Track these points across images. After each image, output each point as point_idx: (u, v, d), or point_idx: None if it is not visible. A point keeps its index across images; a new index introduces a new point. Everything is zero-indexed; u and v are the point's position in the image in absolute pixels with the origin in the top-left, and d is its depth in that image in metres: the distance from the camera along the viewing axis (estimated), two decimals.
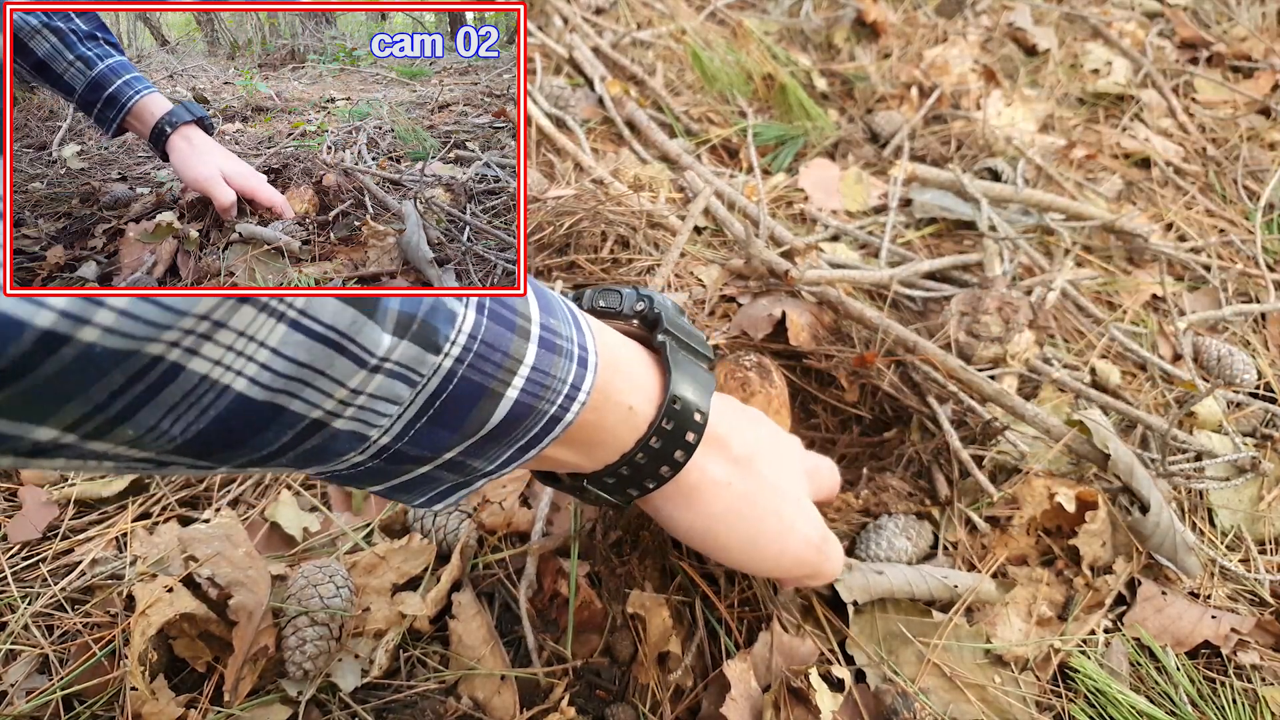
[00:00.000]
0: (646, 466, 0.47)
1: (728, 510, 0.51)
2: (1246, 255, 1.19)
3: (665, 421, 0.46)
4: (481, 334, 0.36)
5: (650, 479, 0.48)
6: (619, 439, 0.46)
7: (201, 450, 0.31)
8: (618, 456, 0.46)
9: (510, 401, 0.38)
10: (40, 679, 0.62)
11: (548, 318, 0.41)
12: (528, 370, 0.38)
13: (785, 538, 0.53)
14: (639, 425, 0.46)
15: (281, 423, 0.32)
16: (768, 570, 0.55)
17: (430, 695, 0.64)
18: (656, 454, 0.47)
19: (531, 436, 0.41)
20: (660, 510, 0.51)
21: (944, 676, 0.67)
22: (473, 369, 0.36)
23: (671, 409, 0.46)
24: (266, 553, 0.71)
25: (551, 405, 0.40)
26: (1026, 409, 0.81)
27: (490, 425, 0.39)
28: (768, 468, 0.53)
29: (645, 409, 0.46)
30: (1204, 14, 1.83)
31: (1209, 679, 0.71)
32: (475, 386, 0.36)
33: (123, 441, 0.29)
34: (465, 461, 0.40)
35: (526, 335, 0.39)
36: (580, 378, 0.42)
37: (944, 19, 1.68)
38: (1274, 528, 0.84)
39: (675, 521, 0.51)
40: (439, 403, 0.36)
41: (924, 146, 1.33)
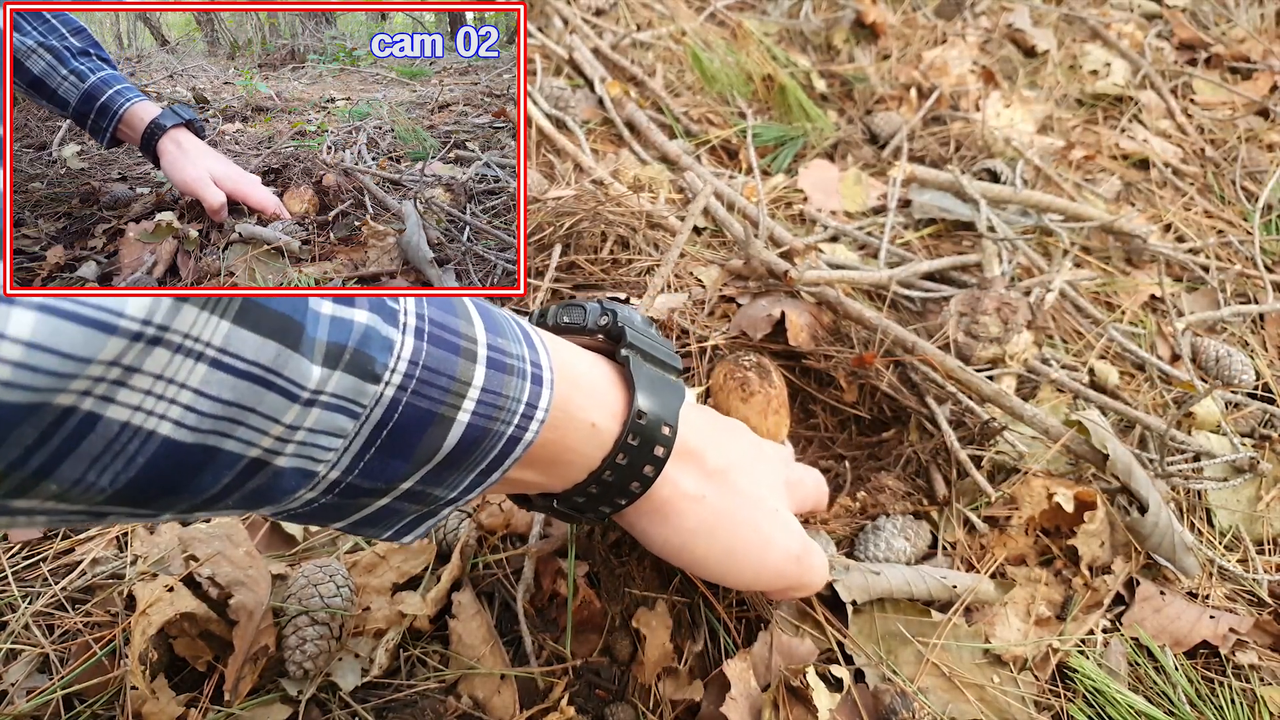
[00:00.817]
0: (615, 484, 0.46)
1: (702, 524, 0.50)
2: (1245, 256, 1.19)
3: (630, 437, 0.45)
4: (423, 359, 0.35)
5: (621, 496, 0.47)
6: (584, 457, 0.45)
7: (138, 498, 0.30)
8: (585, 475, 0.46)
9: (463, 425, 0.38)
10: (41, 678, 0.62)
11: (495, 337, 0.40)
12: (477, 392, 0.38)
13: (764, 551, 0.53)
14: (604, 442, 0.45)
15: (218, 464, 0.31)
16: (747, 583, 0.55)
17: (430, 694, 0.64)
18: (624, 470, 0.46)
19: (491, 460, 0.40)
20: (635, 526, 0.51)
21: (943, 676, 0.67)
22: (418, 395, 0.35)
23: (636, 424, 0.45)
24: (267, 552, 0.71)
25: (508, 426, 0.40)
26: (1025, 409, 0.81)
27: (444, 451, 0.38)
28: (745, 479, 0.53)
29: (610, 425, 0.46)
30: (1202, 15, 1.83)
31: (1207, 679, 0.71)
32: (423, 413, 0.36)
33: (49, 497, 0.28)
34: (425, 490, 0.40)
35: (473, 357, 0.38)
36: (536, 395, 0.41)
37: (943, 20, 1.68)
38: (1272, 528, 0.84)
39: (650, 537, 0.51)
40: (385, 432, 0.35)
41: (923, 147, 1.33)
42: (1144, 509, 0.75)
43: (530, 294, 0.89)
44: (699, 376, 0.83)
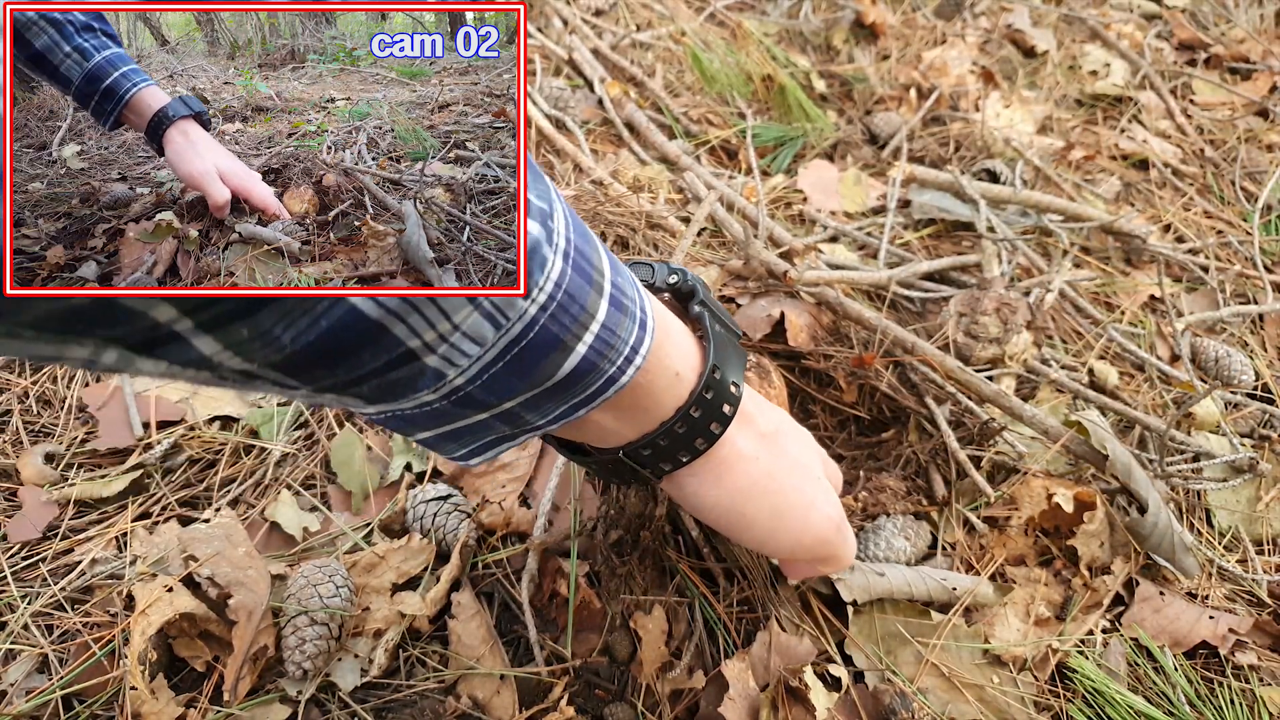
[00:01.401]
0: (683, 437, 0.47)
1: (754, 484, 0.50)
2: (1244, 256, 1.19)
3: (706, 391, 0.46)
4: (565, 284, 0.36)
5: (685, 451, 0.47)
6: (661, 406, 0.46)
7: (299, 366, 0.32)
8: (657, 425, 0.46)
9: (578, 357, 0.38)
10: (40, 678, 0.62)
11: (616, 276, 0.40)
12: (598, 327, 0.38)
13: (808, 514, 0.52)
14: (681, 394, 0.46)
15: (381, 346, 0.33)
16: (790, 548, 0.54)
17: (429, 695, 0.64)
18: (695, 424, 0.46)
19: (588, 394, 0.41)
20: (685, 487, 0.50)
21: (942, 677, 0.67)
22: (553, 319, 0.36)
23: (711, 378, 0.46)
24: (266, 552, 0.71)
25: (612, 365, 0.40)
26: (1024, 409, 0.81)
27: (555, 379, 0.38)
28: (793, 445, 0.53)
29: (689, 377, 0.46)
30: (1202, 16, 1.83)
31: (1207, 679, 0.71)
32: (552, 337, 0.36)
33: (233, 343, 0.30)
34: (521, 414, 0.40)
35: (600, 291, 0.38)
36: (639, 341, 0.41)
37: (943, 21, 1.68)
38: (1272, 528, 0.84)
39: (701, 498, 0.50)
40: (517, 349, 0.36)
41: (922, 148, 1.33)
42: (1143, 509, 0.75)
43: None
44: None
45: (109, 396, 0.79)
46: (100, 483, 0.74)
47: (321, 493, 0.76)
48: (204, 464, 0.77)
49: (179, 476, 0.76)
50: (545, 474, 0.76)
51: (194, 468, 0.77)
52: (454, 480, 0.76)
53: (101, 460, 0.76)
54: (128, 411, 0.78)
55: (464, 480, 0.76)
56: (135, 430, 0.77)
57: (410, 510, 0.73)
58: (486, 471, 0.76)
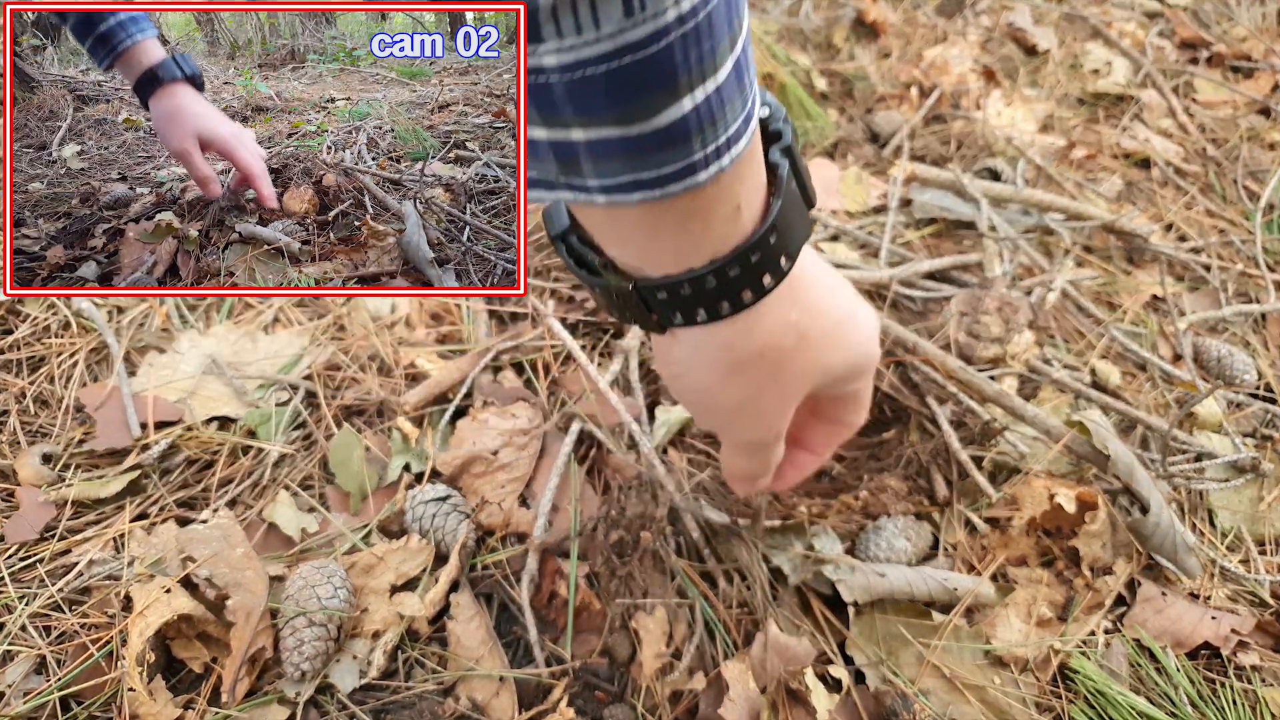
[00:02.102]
0: (737, 280, 0.40)
1: (750, 383, 0.46)
2: (1246, 256, 1.19)
3: (752, 253, 0.40)
4: (710, 8, 0.31)
5: (705, 308, 0.42)
6: (705, 241, 0.40)
7: None
8: (706, 261, 0.40)
9: (680, 113, 0.32)
10: (37, 680, 0.62)
11: (747, 42, 0.35)
12: (713, 87, 0.33)
13: (860, 322, 0.48)
14: (729, 238, 0.40)
15: None
16: (848, 358, 0.48)
17: (428, 696, 0.64)
18: (726, 284, 0.41)
19: (658, 175, 0.35)
20: (677, 351, 0.45)
21: (944, 678, 0.67)
22: (683, 43, 0.31)
23: (765, 240, 0.40)
24: (264, 553, 0.70)
25: (701, 149, 0.34)
26: (1026, 409, 0.81)
27: (641, 128, 0.32)
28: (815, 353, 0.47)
29: (745, 224, 0.40)
30: (1204, 14, 1.83)
31: (1209, 680, 0.71)
32: (670, 67, 0.31)
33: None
34: (580, 158, 0.34)
35: (733, 45, 0.33)
36: (738, 135, 0.35)
37: (944, 19, 1.68)
38: (1274, 528, 0.84)
39: (692, 372, 0.45)
40: (629, 59, 0.30)
41: (924, 146, 1.33)
42: (1145, 509, 0.75)
43: (530, 293, 0.89)
44: None
45: (106, 397, 0.79)
46: (98, 483, 0.73)
47: (320, 493, 0.76)
48: (202, 464, 0.77)
49: (177, 477, 0.75)
50: (545, 475, 0.76)
51: (192, 468, 0.76)
52: (453, 481, 0.76)
53: (99, 461, 0.76)
54: (125, 412, 0.78)
55: (463, 480, 0.76)
56: (133, 431, 0.77)
57: (409, 511, 0.72)
58: (486, 472, 0.75)
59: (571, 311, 0.89)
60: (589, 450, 0.78)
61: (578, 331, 0.87)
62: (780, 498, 0.74)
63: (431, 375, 0.82)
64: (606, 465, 0.77)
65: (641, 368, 0.84)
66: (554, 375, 0.84)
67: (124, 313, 0.87)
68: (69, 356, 0.83)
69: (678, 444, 0.79)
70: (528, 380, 0.85)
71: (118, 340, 0.83)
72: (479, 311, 0.90)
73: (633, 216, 0.38)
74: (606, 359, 0.85)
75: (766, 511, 0.72)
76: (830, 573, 0.69)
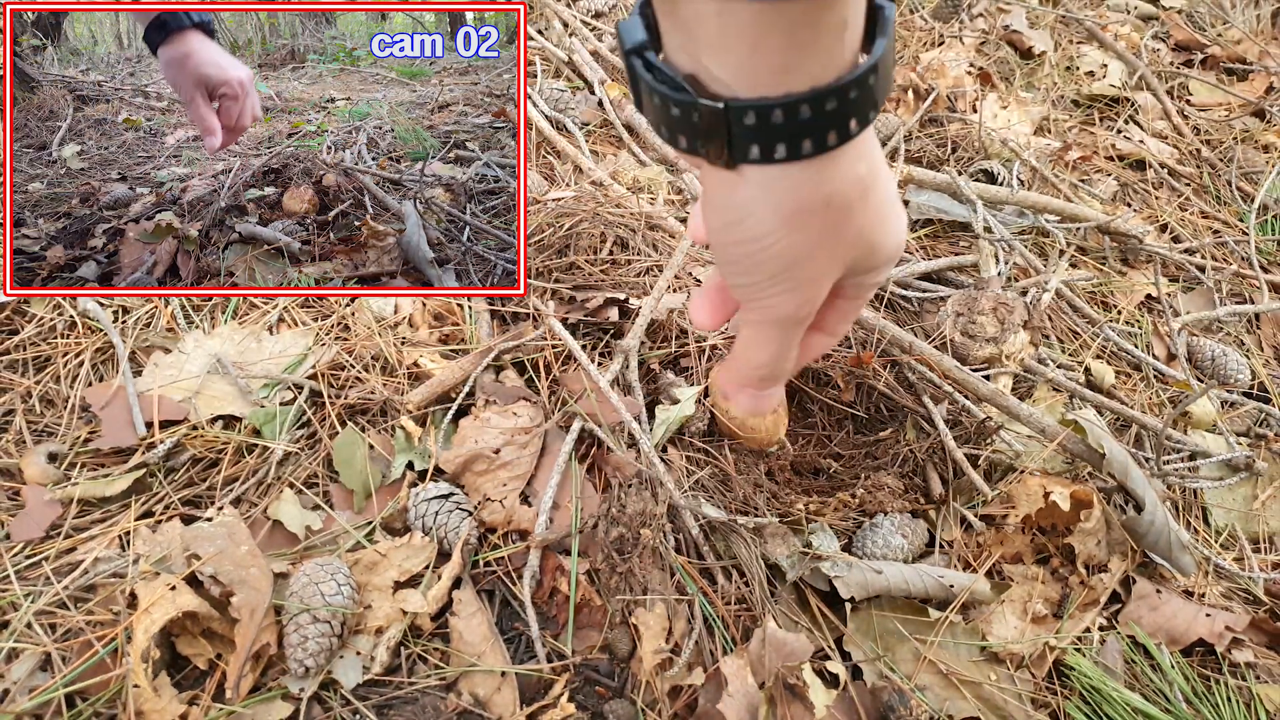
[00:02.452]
0: (834, 114, 0.39)
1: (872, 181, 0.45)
2: (1240, 256, 1.20)
3: (870, 76, 0.39)
4: None
5: (819, 133, 0.40)
6: (807, 60, 0.38)
7: None
8: (808, 88, 0.39)
9: None
10: (42, 677, 0.63)
11: None
12: None
13: (900, 211, 0.48)
14: (832, 64, 0.38)
15: None
16: (890, 239, 0.48)
17: (431, 691, 0.64)
18: (847, 105, 0.39)
19: None
20: (788, 175, 0.43)
21: (940, 673, 0.67)
22: None
23: (864, 79, 0.39)
24: (268, 550, 0.71)
25: None
26: (1021, 409, 0.82)
27: None
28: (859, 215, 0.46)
29: (853, 41, 0.39)
30: (1199, 17, 1.84)
31: (1203, 676, 0.71)
32: None
33: None
34: None
35: None
36: None
37: (940, 22, 1.69)
38: (1268, 526, 0.84)
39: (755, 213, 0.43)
40: None
41: (920, 148, 1.33)
42: (1140, 507, 0.76)
43: (530, 293, 0.89)
44: (699, 376, 0.83)
45: (112, 396, 0.79)
46: (103, 482, 0.74)
47: (324, 491, 0.76)
48: (206, 463, 0.77)
49: (181, 475, 0.76)
50: (546, 472, 0.77)
51: (196, 467, 0.77)
52: (455, 479, 0.76)
53: (104, 459, 0.76)
54: (131, 411, 0.78)
55: (465, 478, 0.76)
56: (138, 430, 0.77)
57: (412, 508, 0.73)
58: (488, 470, 0.76)
59: (572, 312, 0.89)
60: (589, 449, 0.79)
61: (578, 332, 0.88)
62: (778, 495, 0.75)
63: (434, 375, 0.83)
64: (607, 463, 0.78)
65: (641, 367, 0.85)
66: (555, 375, 0.84)
67: (129, 313, 0.88)
68: (74, 356, 0.83)
69: (677, 442, 0.79)
70: (529, 379, 0.85)
71: (123, 340, 0.84)
72: (481, 312, 0.90)
73: (746, 16, 0.36)
74: (607, 359, 0.86)
75: (765, 510, 0.73)
76: (828, 569, 0.70)
